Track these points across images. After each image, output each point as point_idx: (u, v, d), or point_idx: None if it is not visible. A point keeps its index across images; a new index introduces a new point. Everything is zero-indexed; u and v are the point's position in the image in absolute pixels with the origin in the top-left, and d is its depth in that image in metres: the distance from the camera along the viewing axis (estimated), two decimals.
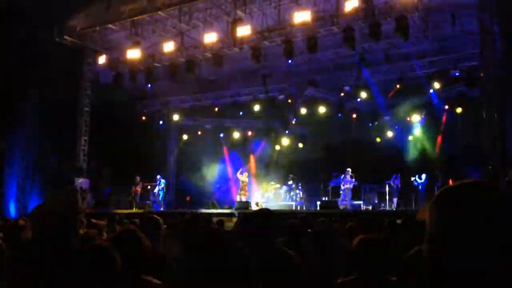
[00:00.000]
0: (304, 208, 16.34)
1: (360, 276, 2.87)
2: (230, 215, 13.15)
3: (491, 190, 0.92)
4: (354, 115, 18.67)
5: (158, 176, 18.58)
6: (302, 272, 3.23)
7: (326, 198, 16.00)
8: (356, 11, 12.41)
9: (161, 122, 21.44)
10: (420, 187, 15.69)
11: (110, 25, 16.01)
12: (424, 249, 0.98)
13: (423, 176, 15.64)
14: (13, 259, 2.79)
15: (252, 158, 21.25)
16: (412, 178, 15.76)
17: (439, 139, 17.35)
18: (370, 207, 15.42)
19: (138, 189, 17.18)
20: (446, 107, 16.95)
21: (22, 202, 16.09)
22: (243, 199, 16.26)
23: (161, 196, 18.25)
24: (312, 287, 3.72)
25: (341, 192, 16.13)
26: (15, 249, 3.08)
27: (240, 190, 16.74)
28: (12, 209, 15.95)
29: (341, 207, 14.89)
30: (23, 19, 13.83)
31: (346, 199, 15.87)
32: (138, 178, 17.36)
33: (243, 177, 16.80)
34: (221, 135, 21.96)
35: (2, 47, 14.21)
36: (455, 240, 0.90)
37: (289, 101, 18.99)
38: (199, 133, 21.98)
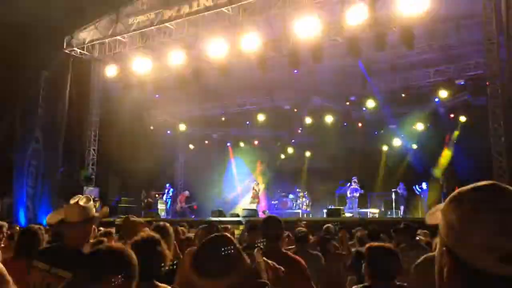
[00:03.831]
0: (310, 216, 16.39)
1: (371, 283, 2.93)
2: (238, 223, 13.22)
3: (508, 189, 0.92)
4: (360, 124, 18.73)
5: (168, 185, 18.74)
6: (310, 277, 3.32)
7: (333, 206, 16.04)
8: (361, 21, 12.51)
9: (168, 132, 21.61)
10: (422, 196, 15.81)
11: (118, 37, 16.29)
12: (441, 252, 0.95)
13: (424, 184, 15.76)
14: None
15: (258, 167, 21.35)
16: (413, 187, 15.88)
17: (444, 147, 17.36)
18: (377, 215, 15.44)
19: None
20: (452, 116, 17.00)
21: (31, 210, 16.27)
22: (254, 206, 16.50)
23: (168, 204, 18.37)
24: None
25: (347, 200, 16.21)
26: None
27: (253, 198, 17.03)
28: (21, 217, 16.12)
29: (348, 215, 14.95)
30: (33, 31, 14.06)
31: (352, 207, 15.93)
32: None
33: (258, 186, 17.32)
34: (228, 144, 22.08)
35: (11, 60, 14.45)
36: (480, 237, 0.85)
37: (295, 110, 19.10)
38: (206, 142, 22.12)
